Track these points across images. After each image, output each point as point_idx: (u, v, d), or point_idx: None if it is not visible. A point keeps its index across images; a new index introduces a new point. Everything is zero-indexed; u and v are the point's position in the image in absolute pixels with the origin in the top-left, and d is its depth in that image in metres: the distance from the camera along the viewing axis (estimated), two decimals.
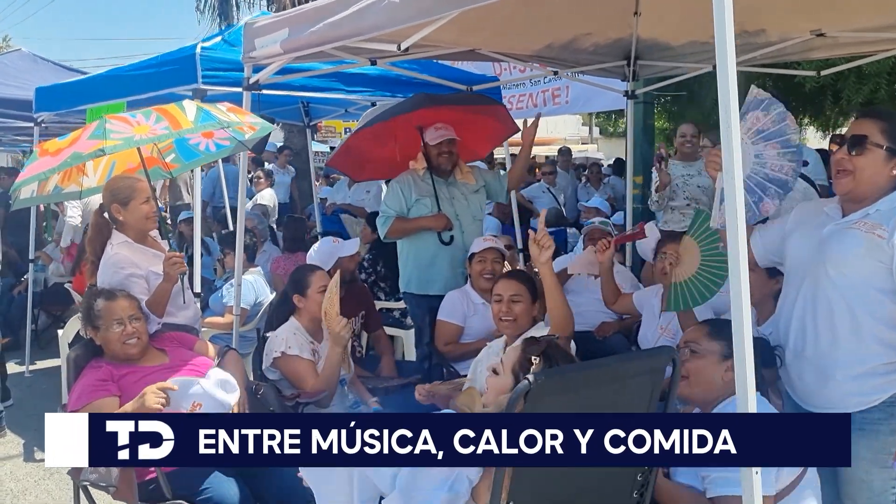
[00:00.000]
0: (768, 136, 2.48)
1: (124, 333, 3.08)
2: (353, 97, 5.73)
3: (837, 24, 4.07)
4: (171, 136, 3.47)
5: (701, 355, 2.35)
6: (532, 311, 3.34)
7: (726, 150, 1.75)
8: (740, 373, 1.71)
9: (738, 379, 1.71)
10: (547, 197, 9.12)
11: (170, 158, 4.09)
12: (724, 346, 2.32)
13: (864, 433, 2.39)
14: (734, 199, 1.74)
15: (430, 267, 4.66)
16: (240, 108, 3.45)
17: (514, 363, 2.32)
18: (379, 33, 2.91)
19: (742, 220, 1.75)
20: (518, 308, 3.31)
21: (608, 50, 5.10)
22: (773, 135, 2.47)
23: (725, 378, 2.30)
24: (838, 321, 2.41)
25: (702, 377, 2.33)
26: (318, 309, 3.62)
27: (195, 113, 3.22)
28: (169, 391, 2.76)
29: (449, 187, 4.70)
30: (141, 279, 3.45)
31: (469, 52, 4.74)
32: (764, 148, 2.49)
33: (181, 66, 4.79)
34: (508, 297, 3.35)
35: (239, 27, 5.13)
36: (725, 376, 2.31)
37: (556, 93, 8.33)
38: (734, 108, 1.74)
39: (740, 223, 1.74)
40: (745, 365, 1.70)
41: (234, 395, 2.88)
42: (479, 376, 3.36)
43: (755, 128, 2.49)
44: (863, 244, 2.36)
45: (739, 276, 1.70)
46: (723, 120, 1.76)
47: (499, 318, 3.39)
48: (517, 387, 1.72)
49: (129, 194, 3.50)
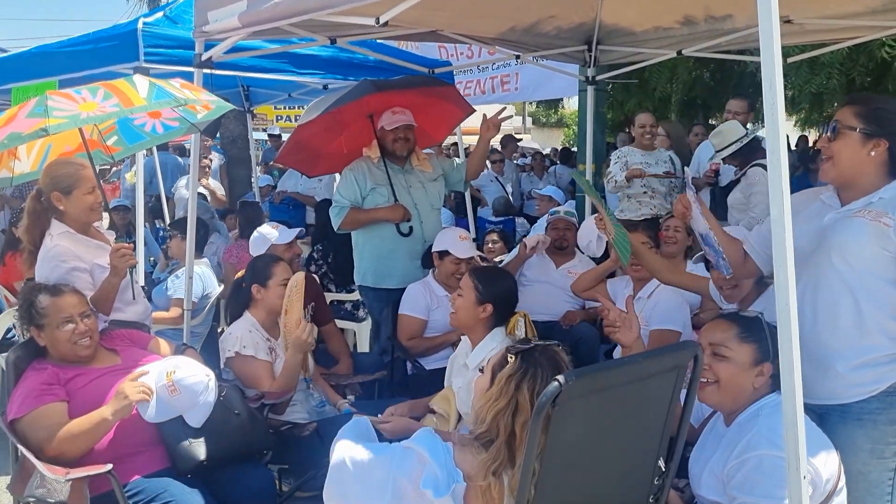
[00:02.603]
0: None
1: (76, 332, 2.79)
2: (304, 79, 5.47)
3: (806, 11, 4.03)
4: (122, 115, 3.15)
5: (731, 360, 2.18)
6: (476, 311, 3.10)
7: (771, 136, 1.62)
8: (788, 398, 1.57)
9: (785, 404, 1.58)
10: (495, 186, 9.03)
11: (111, 141, 3.75)
12: (755, 349, 2.18)
13: (862, 423, 2.32)
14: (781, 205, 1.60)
15: (388, 259, 4.47)
16: (194, 86, 3.16)
17: (494, 362, 2.16)
18: (357, 5, 2.69)
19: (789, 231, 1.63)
20: (458, 302, 3.14)
21: (570, 34, 4.99)
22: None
23: (756, 384, 2.17)
24: (841, 310, 2.34)
25: (733, 384, 2.17)
26: (278, 302, 3.41)
27: (148, 89, 2.92)
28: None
29: (406, 175, 4.51)
30: (85, 273, 3.15)
31: (431, 34, 4.55)
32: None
33: (121, 42, 4.48)
34: (457, 292, 3.22)
35: (183, 1, 4.85)
36: (756, 382, 2.17)
37: (505, 80, 8.21)
38: (780, 101, 1.62)
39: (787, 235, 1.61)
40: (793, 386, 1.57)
41: None
42: (454, 372, 3.22)
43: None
44: (869, 232, 2.31)
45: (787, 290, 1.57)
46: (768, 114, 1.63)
47: None
48: (547, 389, 1.56)
49: (73, 183, 3.18)
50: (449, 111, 4.89)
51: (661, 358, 1.79)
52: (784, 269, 1.58)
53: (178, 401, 2.66)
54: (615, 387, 1.70)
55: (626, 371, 1.72)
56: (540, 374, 1.87)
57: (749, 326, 2.21)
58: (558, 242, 4.77)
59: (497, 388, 1.90)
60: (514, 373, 1.89)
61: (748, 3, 4.11)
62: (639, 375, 1.74)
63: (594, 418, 1.71)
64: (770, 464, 1.96)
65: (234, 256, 5.50)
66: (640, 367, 1.74)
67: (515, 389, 1.86)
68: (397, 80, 4.75)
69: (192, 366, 2.72)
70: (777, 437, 1.95)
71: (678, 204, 2.77)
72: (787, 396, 1.62)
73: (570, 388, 1.56)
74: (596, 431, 1.74)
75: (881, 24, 4.06)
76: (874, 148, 2.33)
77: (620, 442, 1.84)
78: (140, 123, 3.78)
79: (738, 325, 2.22)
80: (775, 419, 1.97)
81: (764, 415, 2.10)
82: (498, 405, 1.86)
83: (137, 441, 2.71)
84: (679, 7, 4.44)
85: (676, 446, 1.96)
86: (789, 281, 1.58)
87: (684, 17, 4.52)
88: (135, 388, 2.60)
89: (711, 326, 2.27)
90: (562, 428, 1.61)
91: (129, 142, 3.96)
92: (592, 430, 1.72)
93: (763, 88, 1.66)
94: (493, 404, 1.87)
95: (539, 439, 1.58)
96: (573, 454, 1.70)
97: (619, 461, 1.86)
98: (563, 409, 1.58)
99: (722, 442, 2.17)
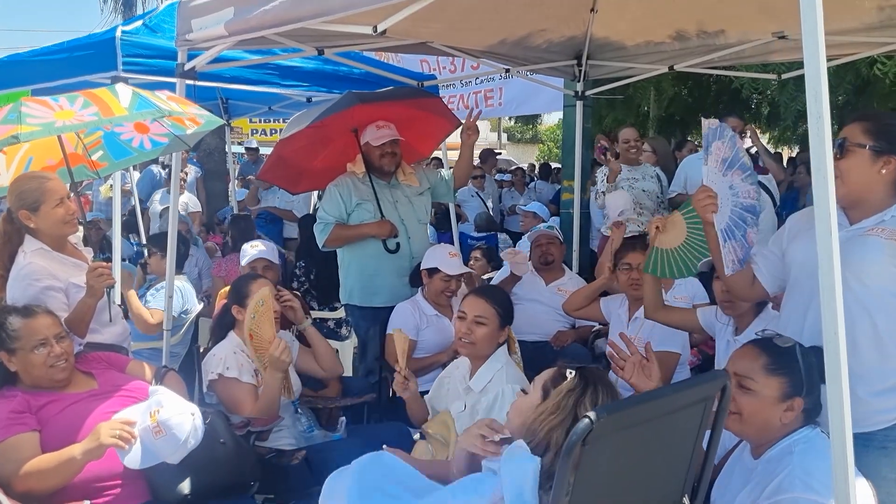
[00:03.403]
0: (731, 163, 2.41)
1: (51, 356, 2.60)
2: (288, 91, 5.32)
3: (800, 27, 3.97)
4: (100, 124, 2.97)
5: (756, 394, 2.04)
6: (497, 337, 2.95)
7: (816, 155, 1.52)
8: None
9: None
10: (476, 201, 8.92)
11: (97, 156, 3.57)
12: (784, 383, 2.03)
13: (887, 452, 2.23)
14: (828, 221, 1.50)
15: (375, 277, 4.34)
16: (182, 98, 2.99)
17: (546, 379, 2.05)
18: (353, 13, 2.56)
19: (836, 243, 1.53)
20: (480, 332, 2.92)
21: (560, 48, 4.92)
22: (734, 161, 2.41)
23: (784, 419, 2.03)
24: (859, 333, 2.25)
25: (757, 419, 2.04)
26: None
27: (130, 98, 2.75)
28: None
29: (392, 190, 4.39)
30: (60, 292, 2.98)
31: (421, 45, 4.44)
32: (732, 177, 2.42)
33: (98, 50, 4.31)
34: (472, 318, 2.95)
35: (163, 10, 4.70)
36: (784, 417, 2.03)
37: (489, 94, 8.13)
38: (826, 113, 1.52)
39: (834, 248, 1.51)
40: (843, 428, 1.47)
41: None
42: (445, 395, 3.08)
43: (720, 157, 2.42)
44: (885, 251, 2.23)
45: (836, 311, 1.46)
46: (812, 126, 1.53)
47: (458, 337, 3.01)
48: (576, 427, 1.44)
49: (38, 197, 3.00)
50: (436, 124, 4.77)
51: (690, 391, 1.67)
52: (831, 294, 1.48)
53: (164, 443, 2.40)
54: (645, 422, 1.58)
55: (657, 406, 1.60)
56: (601, 391, 1.86)
57: (780, 357, 2.07)
58: (543, 258, 4.68)
59: (554, 403, 1.86)
60: (573, 388, 1.87)
61: (741, 19, 4.15)
62: (668, 409, 1.62)
63: (621, 454, 1.59)
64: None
65: (223, 270, 5.35)
66: (670, 400, 1.62)
67: (575, 405, 1.83)
68: (382, 92, 4.64)
69: (176, 403, 2.48)
70: (812, 479, 1.85)
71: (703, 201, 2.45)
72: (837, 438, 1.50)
73: (602, 425, 1.43)
74: (622, 467, 1.62)
75: (876, 41, 4.03)
76: (885, 165, 2.26)
77: (645, 478, 1.71)
78: (127, 139, 3.60)
79: (768, 356, 2.08)
80: (810, 459, 1.87)
81: (798, 452, 1.97)
82: (553, 420, 1.82)
83: (116, 473, 2.52)
84: (672, 21, 4.38)
85: (700, 485, 1.84)
86: (838, 308, 1.48)
87: (676, 31, 4.47)
88: (111, 430, 2.36)
89: (740, 354, 2.13)
90: (591, 466, 1.48)
91: (116, 157, 3.78)
92: (619, 466, 1.60)
93: (808, 103, 1.57)
94: (549, 418, 1.83)
95: (569, 478, 1.45)
96: (599, 491, 1.58)
97: (643, 497, 1.74)
98: (593, 446, 1.45)
99: (751, 476, 2.05)
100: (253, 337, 3.17)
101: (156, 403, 2.43)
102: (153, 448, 2.38)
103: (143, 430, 2.39)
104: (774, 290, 2.63)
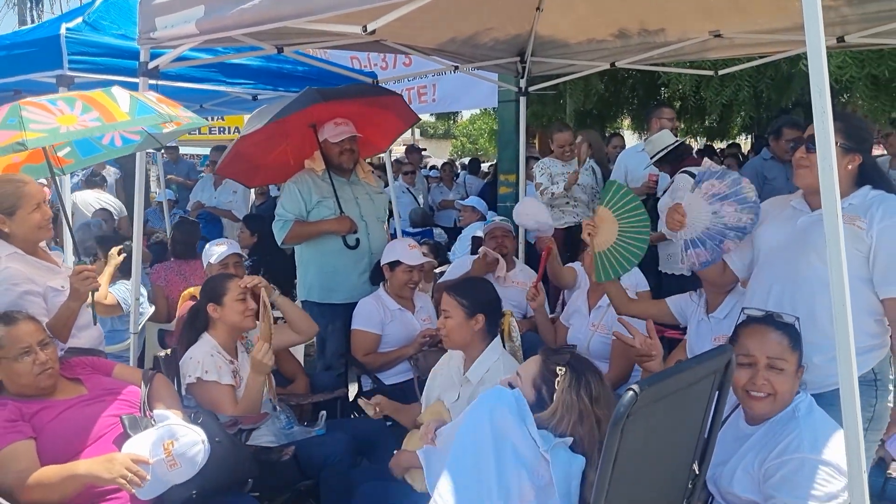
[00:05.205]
0: (724, 197, 2.81)
1: (36, 364, 2.55)
2: (234, 90, 5.26)
3: (735, 26, 4.24)
4: (103, 130, 2.90)
5: (785, 372, 2.23)
6: (470, 326, 3.00)
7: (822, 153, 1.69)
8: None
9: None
10: (407, 197, 8.97)
11: (63, 153, 3.46)
12: (799, 356, 2.27)
13: (834, 408, 2.45)
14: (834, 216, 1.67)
15: (335, 274, 4.37)
16: (169, 100, 2.94)
17: (534, 375, 2.17)
18: (342, 13, 2.60)
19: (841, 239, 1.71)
20: (449, 324, 3.01)
21: (505, 46, 5.06)
22: (730, 196, 2.80)
23: (795, 388, 2.25)
24: (819, 307, 2.50)
25: (787, 394, 2.23)
26: (237, 318, 3.30)
27: (130, 103, 2.68)
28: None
29: (352, 187, 4.44)
30: (38, 297, 2.91)
31: (374, 43, 4.48)
32: (721, 206, 2.82)
33: (41, 48, 4.19)
34: (441, 312, 3.08)
35: (100, 6, 4.59)
36: (796, 386, 2.25)
37: (422, 91, 8.20)
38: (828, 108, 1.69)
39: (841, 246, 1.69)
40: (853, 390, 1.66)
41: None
42: (438, 387, 3.15)
43: (711, 192, 2.83)
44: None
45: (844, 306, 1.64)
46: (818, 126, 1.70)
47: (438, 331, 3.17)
48: (623, 399, 1.55)
49: (15, 202, 2.94)
50: (391, 120, 4.85)
51: (707, 363, 1.82)
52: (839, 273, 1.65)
53: (177, 474, 2.37)
54: (671, 394, 1.72)
55: (684, 377, 1.74)
56: (591, 375, 2.00)
57: (794, 333, 2.30)
58: (498, 250, 4.79)
59: (562, 402, 1.96)
60: (570, 383, 1.97)
61: (680, 18, 4.37)
62: (691, 381, 1.77)
63: (653, 425, 1.72)
64: (811, 467, 2.04)
65: (162, 278, 5.17)
66: (693, 372, 1.77)
67: (577, 399, 1.92)
68: (343, 88, 4.66)
69: (188, 432, 2.43)
70: (819, 441, 2.05)
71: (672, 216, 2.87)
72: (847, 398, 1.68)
73: (644, 397, 1.56)
74: (652, 438, 1.75)
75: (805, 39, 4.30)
76: (850, 162, 2.53)
77: (667, 447, 1.86)
78: (98, 136, 3.50)
79: (787, 336, 2.28)
80: (816, 421, 2.09)
81: (801, 416, 2.18)
82: (573, 417, 1.93)
83: None
84: (615, 20, 4.57)
85: (708, 449, 2.00)
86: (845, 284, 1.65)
87: (619, 30, 4.66)
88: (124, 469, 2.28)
89: (762, 339, 2.29)
90: (631, 436, 1.61)
91: (83, 154, 3.67)
92: (650, 436, 1.73)
93: (812, 97, 1.73)
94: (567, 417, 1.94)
95: (615, 447, 1.58)
96: (633, 461, 1.70)
97: (665, 466, 1.89)
98: (635, 417, 1.58)
99: (749, 441, 2.23)
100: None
101: (168, 435, 2.38)
102: (166, 479, 2.36)
103: (156, 463, 2.35)
104: (745, 276, 2.86)
